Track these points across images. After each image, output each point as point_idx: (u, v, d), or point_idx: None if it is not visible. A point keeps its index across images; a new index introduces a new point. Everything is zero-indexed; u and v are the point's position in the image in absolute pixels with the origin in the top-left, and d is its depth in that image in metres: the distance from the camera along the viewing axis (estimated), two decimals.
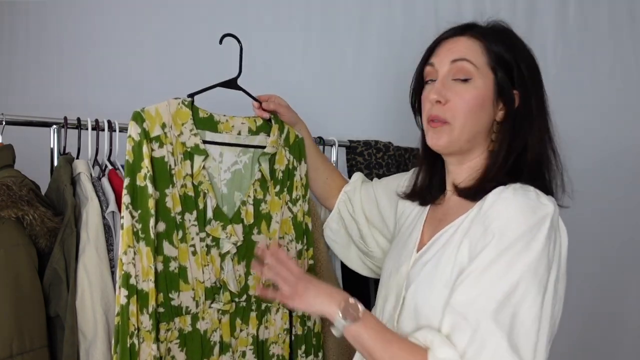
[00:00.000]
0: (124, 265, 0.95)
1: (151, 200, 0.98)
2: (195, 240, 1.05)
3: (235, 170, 1.13)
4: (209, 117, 1.09)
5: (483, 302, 0.78)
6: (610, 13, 1.88)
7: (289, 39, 1.74)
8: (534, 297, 0.77)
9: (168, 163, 1.02)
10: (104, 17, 1.64)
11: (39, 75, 1.65)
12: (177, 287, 1.03)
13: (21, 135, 1.09)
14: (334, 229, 1.26)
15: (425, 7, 1.77)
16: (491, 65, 0.91)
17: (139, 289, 0.97)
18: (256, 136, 1.15)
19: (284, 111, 1.19)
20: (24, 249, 0.95)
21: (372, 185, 1.23)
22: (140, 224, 0.98)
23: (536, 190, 0.85)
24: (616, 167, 1.90)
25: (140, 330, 0.96)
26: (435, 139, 0.94)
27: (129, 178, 0.97)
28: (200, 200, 1.06)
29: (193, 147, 1.05)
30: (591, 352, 1.92)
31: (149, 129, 1.00)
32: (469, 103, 0.90)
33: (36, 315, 0.95)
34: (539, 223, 0.80)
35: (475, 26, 0.96)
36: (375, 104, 1.75)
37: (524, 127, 0.91)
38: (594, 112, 1.88)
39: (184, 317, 1.04)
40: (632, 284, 1.94)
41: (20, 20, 1.65)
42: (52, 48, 1.65)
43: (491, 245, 0.80)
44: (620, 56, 1.90)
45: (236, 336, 1.11)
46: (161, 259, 1.01)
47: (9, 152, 1.06)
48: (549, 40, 1.85)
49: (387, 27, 1.77)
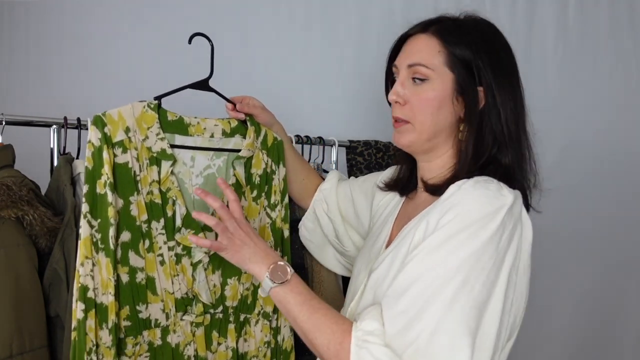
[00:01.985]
0: (80, 278, 0.90)
1: (111, 208, 0.93)
2: (164, 249, 1.01)
3: (208, 174, 1.07)
4: (178, 120, 1.04)
5: (420, 285, 0.77)
6: (610, 13, 1.88)
7: (289, 38, 1.74)
8: (473, 284, 0.75)
9: (132, 169, 0.97)
10: (104, 17, 1.64)
11: (39, 75, 1.65)
12: (145, 299, 0.99)
13: (21, 135, 1.09)
14: (309, 228, 1.24)
15: (425, 7, 1.77)
16: (449, 65, 0.90)
17: (98, 303, 0.92)
18: (231, 139, 1.10)
19: (259, 112, 1.14)
20: (24, 249, 0.95)
21: (349, 183, 1.22)
22: (99, 234, 0.93)
23: (500, 183, 0.84)
24: (616, 167, 1.90)
25: (100, 346, 0.92)
26: (397, 138, 0.96)
27: (87, 185, 0.93)
28: (169, 207, 1.02)
29: (160, 152, 1.00)
30: (591, 352, 1.92)
31: (110, 134, 0.95)
32: (426, 104, 0.91)
33: (36, 315, 0.95)
34: (493, 213, 0.79)
35: (440, 21, 0.94)
36: (376, 104, 1.74)
37: (490, 125, 0.90)
38: (594, 112, 1.88)
39: (153, 330, 1.00)
40: (632, 284, 1.94)
41: (20, 20, 1.65)
42: (52, 48, 1.65)
43: (440, 230, 0.79)
44: (620, 56, 1.90)
45: (213, 350, 1.06)
46: (127, 269, 0.97)
47: (9, 152, 1.05)
48: (549, 40, 1.85)
49: (387, 26, 1.77)
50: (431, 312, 0.75)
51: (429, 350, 0.74)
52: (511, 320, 0.82)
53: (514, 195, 0.83)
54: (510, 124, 0.91)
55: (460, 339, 0.73)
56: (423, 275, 0.78)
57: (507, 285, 0.78)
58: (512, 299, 0.81)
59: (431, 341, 0.74)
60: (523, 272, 0.83)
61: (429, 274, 0.77)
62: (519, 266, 0.82)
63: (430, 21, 0.95)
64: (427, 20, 0.96)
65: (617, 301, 1.94)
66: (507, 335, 0.81)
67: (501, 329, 0.78)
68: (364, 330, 0.79)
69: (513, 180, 0.90)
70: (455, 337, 0.73)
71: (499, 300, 0.77)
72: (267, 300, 1.12)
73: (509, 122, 0.90)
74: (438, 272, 0.77)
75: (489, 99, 0.90)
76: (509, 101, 0.91)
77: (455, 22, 0.94)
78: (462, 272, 0.76)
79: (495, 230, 0.78)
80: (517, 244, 0.81)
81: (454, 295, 0.75)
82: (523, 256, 0.83)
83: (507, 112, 0.90)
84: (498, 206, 0.79)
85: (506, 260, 0.79)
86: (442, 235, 0.79)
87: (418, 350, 0.74)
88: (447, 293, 0.75)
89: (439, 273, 0.76)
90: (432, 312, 0.75)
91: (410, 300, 0.77)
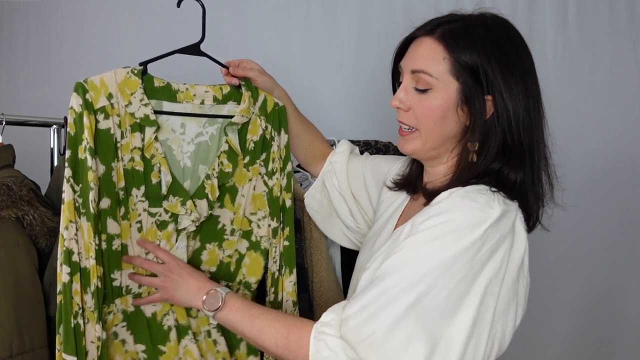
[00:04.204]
0: (65, 242, 0.90)
1: (91, 173, 0.92)
2: (143, 216, 1.00)
3: (200, 142, 1.05)
4: (165, 86, 1.02)
5: (387, 283, 0.78)
6: (610, 13, 1.88)
7: (290, 38, 1.74)
8: (438, 292, 0.75)
9: (114, 135, 0.96)
10: (104, 17, 1.64)
11: (39, 75, 1.65)
12: (120, 266, 0.98)
13: (21, 135, 1.09)
14: (317, 198, 1.20)
15: (425, 7, 1.77)
16: (454, 73, 0.85)
17: (82, 267, 0.92)
18: (224, 105, 1.06)
19: (256, 75, 1.08)
20: (24, 249, 0.95)
21: (362, 161, 1.18)
22: (81, 199, 0.92)
23: (495, 194, 0.82)
24: (617, 168, 1.90)
25: (85, 310, 0.91)
26: (402, 145, 0.94)
27: (70, 151, 0.92)
28: (154, 175, 1.00)
29: (142, 118, 0.98)
30: (591, 352, 1.92)
31: (92, 100, 0.94)
32: (429, 113, 0.88)
33: (36, 315, 0.95)
34: (474, 225, 0.77)
35: (448, 22, 0.89)
36: (376, 104, 1.75)
37: (498, 135, 0.85)
38: (594, 112, 1.88)
39: (125, 298, 0.99)
40: (632, 284, 1.94)
41: (20, 20, 1.65)
42: (52, 48, 1.65)
43: (418, 234, 0.79)
44: (620, 56, 1.90)
45: (194, 315, 1.05)
46: (104, 237, 0.96)
47: (9, 152, 1.06)
48: (549, 40, 1.85)
49: (387, 26, 1.77)
50: (391, 310, 0.76)
51: (383, 347, 0.75)
52: (498, 332, 0.81)
53: (505, 209, 0.81)
54: (524, 133, 0.85)
55: (416, 341, 0.74)
56: (392, 274, 0.78)
57: (485, 297, 0.77)
58: (496, 310, 0.79)
59: (387, 338, 0.75)
60: (510, 285, 0.82)
61: (397, 274, 0.78)
62: (505, 279, 0.80)
63: (439, 22, 0.90)
64: (436, 20, 0.90)
65: (617, 301, 1.94)
66: (491, 345, 0.80)
67: (472, 338, 0.77)
68: (322, 322, 0.80)
69: (521, 194, 0.86)
70: (410, 339, 0.74)
71: (470, 310, 0.76)
72: (250, 271, 1.11)
73: (521, 132, 0.85)
74: (406, 273, 0.77)
75: (498, 107, 0.85)
76: (521, 109, 0.85)
77: (465, 23, 0.88)
78: (429, 278, 0.76)
79: (473, 242, 0.77)
80: (502, 257, 0.79)
81: (417, 299, 0.75)
82: (511, 268, 0.81)
83: (519, 121, 0.85)
84: (482, 219, 0.78)
85: (484, 272, 0.78)
86: (418, 239, 0.79)
87: (372, 345, 0.75)
88: (410, 296, 0.75)
89: (407, 275, 0.77)
90: (391, 311, 0.76)
91: (375, 296, 0.78)
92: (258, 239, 1.11)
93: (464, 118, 0.88)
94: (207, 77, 1.15)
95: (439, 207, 0.82)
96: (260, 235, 1.11)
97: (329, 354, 0.77)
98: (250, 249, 1.11)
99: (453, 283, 0.76)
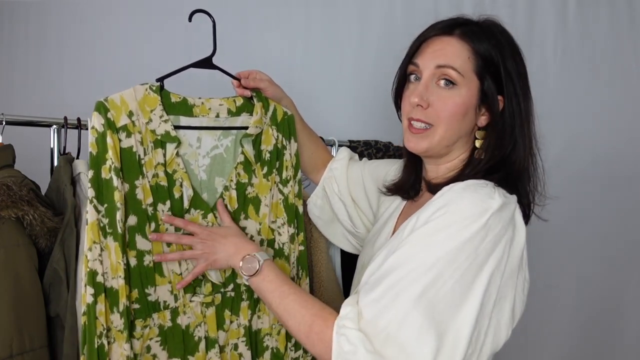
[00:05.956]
0: (89, 262, 0.91)
1: (117, 193, 0.94)
2: (170, 231, 1.02)
3: (216, 154, 1.07)
4: (182, 101, 1.04)
5: (395, 276, 0.79)
6: (610, 13, 1.88)
7: (290, 38, 1.74)
8: (445, 282, 0.77)
9: (137, 153, 0.98)
10: (104, 18, 1.64)
11: (39, 75, 1.65)
12: (153, 282, 0.99)
13: (21, 135, 1.09)
14: (318, 205, 1.24)
15: (425, 7, 1.77)
16: (477, 72, 0.89)
17: (108, 287, 0.93)
18: (238, 117, 1.09)
19: (267, 86, 1.12)
20: (24, 249, 0.95)
21: (360, 166, 1.21)
22: (107, 219, 0.94)
23: (496, 187, 0.84)
24: (616, 168, 1.90)
25: (111, 329, 0.93)
26: (414, 143, 0.94)
27: (92, 171, 0.94)
28: (177, 189, 1.02)
29: (164, 135, 1.00)
30: (591, 352, 1.92)
31: (114, 119, 0.95)
32: (451, 110, 0.89)
33: (36, 315, 0.95)
34: (477, 215, 0.79)
35: (465, 24, 0.92)
36: (376, 104, 1.75)
37: (507, 133, 0.90)
38: (594, 112, 1.88)
39: (163, 313, 1.01)
40: (632, 284, 1.94)
41: (20, 20, 1.65)
42: (52, 48, 1.65)
43: (422, 227, 0.81)
44: (620, 56, 1.90)
45: (225, 329, 1.07)
46: (134, 253, 0.98)
47: (9, 152, 1.06)
48: (549, 40, 1.85)
49: (387, 26, 1.77)
50: (401, 302, 0.77)
51: (398, 339, 0.76)
52: (493, 320, 0.82)
53: (505, 200, 0.82)
54: (526, 129, 0.91)
55: (427, 332, 0.75)
56: (399, 267, 0.80)
57: (488, 287, 0.79)
58: (495, 301, 0.81)
59: (400, 330, 0.76)
60: (509, 276, 0.83)
61: (405, 267, 0.79)
62: (506, 270, 0.82)
63: (456, 22, 0.92)
64: (451, 21, 0.93)
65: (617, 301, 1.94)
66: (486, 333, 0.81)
67: (476, 328, 0.78)
68: (341, 316, 0.82)
69: (521, 186, 0.90)
70: (421, 330, 0.75)
71: (476, 300, 0.77)
72: None
73: (524, 128, 0.91)
74: (412, 266, 0.79)
75: (514, 105, 0.90)
76: (527, 107, 0.91)
77: (480, 26, 0.92)
78: (435, 269, 0.77)
79: (477, 232, 0.78)
80: (504, 247, 0.80)
81: (424, 290, 0.76)
82: (512, 260, 0.82)
83: (523, 118, 0.91)
84: (483, 209, 0.79)
85: (489, 263, 0.79)
86: (423, 231, 0.81)
87: (389, 337, 0.77)
88: (417, 287, 0.77)
89: (413, 267, 0.78)
90: (401, 303, 0.77)
91: (385, 289, 0.79)
92: (281, 245, 1.14)
93: (479, 117, 0.92)
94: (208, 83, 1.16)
95: (441, 199, 0.83)
96: (282, 242, 1.14)
97: (350, 348, 0.78)
98: (276, 256, 1.13)
99: (459, 274, 0.77)
